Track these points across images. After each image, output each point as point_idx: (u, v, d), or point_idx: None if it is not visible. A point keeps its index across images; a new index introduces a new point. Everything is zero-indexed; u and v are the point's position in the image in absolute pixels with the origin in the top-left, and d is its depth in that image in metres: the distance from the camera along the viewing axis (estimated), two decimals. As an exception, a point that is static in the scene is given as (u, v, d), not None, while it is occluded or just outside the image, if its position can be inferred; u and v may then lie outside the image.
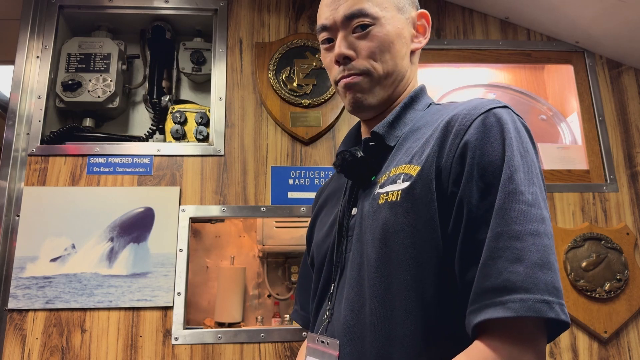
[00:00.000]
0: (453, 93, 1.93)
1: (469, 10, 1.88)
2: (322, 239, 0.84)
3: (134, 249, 1.50)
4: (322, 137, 1.69)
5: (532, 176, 0.61)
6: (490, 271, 0.56)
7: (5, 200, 1.51)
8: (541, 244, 0.57)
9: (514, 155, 0.61)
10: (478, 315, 0.56)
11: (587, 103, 1.81)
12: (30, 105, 1.61)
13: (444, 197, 0.63)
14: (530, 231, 0.57)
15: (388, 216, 0.66)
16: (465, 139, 0.63)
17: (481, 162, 0.62)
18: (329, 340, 0.71)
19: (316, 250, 0.86)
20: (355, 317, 0.68)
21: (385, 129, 0.76)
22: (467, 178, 0.62)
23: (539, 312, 0.53)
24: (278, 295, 1.90)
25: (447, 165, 0.64)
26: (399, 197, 0.66)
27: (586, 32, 1.78)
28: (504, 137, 0.62)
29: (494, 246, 0.57)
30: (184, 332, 1.44)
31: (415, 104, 0.80)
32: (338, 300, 0.73)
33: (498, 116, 0.64)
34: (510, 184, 0.59)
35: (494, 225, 0.58)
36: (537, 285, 0.54)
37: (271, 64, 1.71)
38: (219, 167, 1.61)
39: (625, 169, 1.75)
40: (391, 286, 0.64)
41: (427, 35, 0.82)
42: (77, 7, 1.74)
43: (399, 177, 0.68)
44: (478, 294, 0.57)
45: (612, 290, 1.58)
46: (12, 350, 1.39)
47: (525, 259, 0.55)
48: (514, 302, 0.54)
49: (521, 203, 0.58)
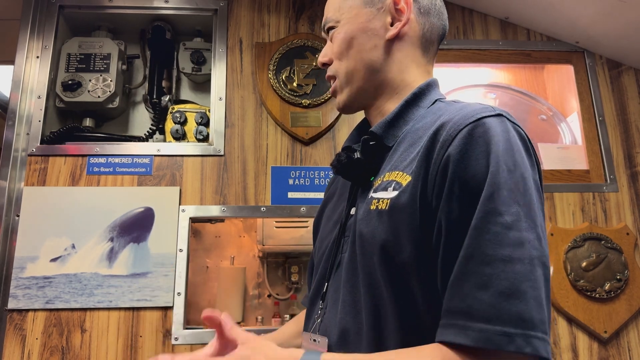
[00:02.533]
0: (453, 93, 1.93)
1: (469, 10, 1.88)
2: (326, 235, 0.84)
3: (134, 249, 1.50)
4: (322, 137, 1.69)
5: (516, 194, 0.57)
6: (456, 292, 0.55)
7: (5, 200, 1.51)
8: (512, 271, 0.53)
9: (498, 170, 0.57)
10: (445, 334, 0.56)
11: (587, 103, 1.81)
12: (30, 105, 1.61)
13: (428, 210, 0.61)
14: (502, 257, 0.54)
15: (376, 225, 0.66)
16: (449, 151, 0.60)
17: (463, 176, 0.58)
18: (320, 338, 0.71)
19: (319, 244, 0.86)
20: (351, 320, 0.68)
21: (383, 129, 0.75)
22: (448, 194, 0.59)
23: (497, 345, 0.51)
24: (278, 295, 1.90)
25: (432, 177, 0.62)
26: (388, 205, 0.65)
27: (586, 32, 1.78)
28: (489, 151, 0.58)
29: (463, 268, 0.55)
30: (184, 332, 1.44)
31: (419, 100, 0.77)
32: (331, 300, 0.73)
33: (487, 126, 0.60)
34: (489, 203, 0.56)
35: (466, 246, 0.56)
36: (499, 317, 0.52)
37: (271, 64, 1.71)
38: (219, 167, 1.61)
39: (625, 169, 1.75)
40: (382, 295, 0.64)
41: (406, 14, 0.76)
42: (77, 7, 1.74)
43: (390, 185, 0.67)
44: (446, 311, 0.57)
45: (612, 290, 1.58)
46: (12, 350, 1.39)
47: (492, 287, 0.53)
48: (474, 330, 0.52)
49: (497, 225, 0.55)
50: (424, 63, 0.81)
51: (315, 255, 0.87)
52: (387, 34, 0.77)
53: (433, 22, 0.80)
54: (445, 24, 0.82)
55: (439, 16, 0.81)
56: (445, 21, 0.83)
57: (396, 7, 0.77)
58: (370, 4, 0.78)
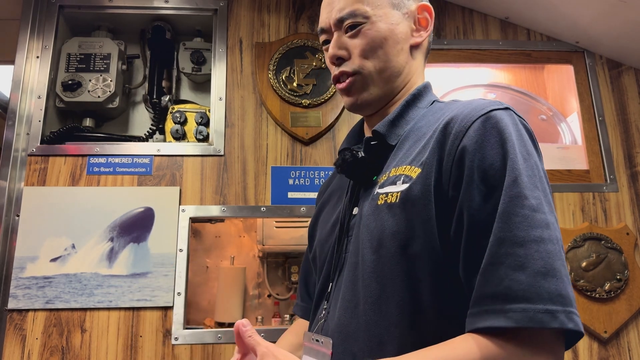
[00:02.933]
0: (453, 93, 1.93)
1: (469, 10, 1.88)
2: (325, 238, 0.84)
3: (134, 249, 1.50)
4: (322, 137, 1.69)
5: (535, 180, 0.59)
6: (491, 277, 0.55)
7: (5, 200, 1.51)
8: (545, 250, 0.55)
9: (517, 157, 0.59)
10: (479, 321, 0.55)
11: (587, 103, 1.81)
12: (30, 105, 1.61)
13: (443, 200, 0.62)
14: (534, 237, 0.55)
15: (386, 217, 0.66)
16: (464, 142, 0.62)
17: (481, 165, 0.60)
18: (323, 339, 0.71)
19: (319, 249, 0.86)
20: (349, 316, 0.68)
21: (386, 128, 0.76)
22: (468, 182, 0.60)
23: (541, 323, 0.52)
24: (278, 295, 1.90)
25: (447, 168, 0.63)
26: (398, 198, 0.66)
27: (586, 32, 1.78)
28: (504, 140, 0.61)
29: (496, 252, 0.56)
30: (184, 332, 1.44)
31: (418, 101, 0.79)
32: (334, 299, 0.73)
33: (498, 118, 0.63)
34: (514, 187, 0.58)
35: (497, 230, 0.57)
36: (539, 295, 0.53)
37: (271, 64, 1.71)
38: (219, 167, 1.61)
39: (625, 169, 1.75)
40: (386, 287, 0.64)
41: (429, 28, 0.81)
42: (77, 7, 1.74)
43: (399, 179, 0.68)
44: (478, 299, 0.56)
45: (612, 290, 1.58)
46: (12, 350, 1.39)
47: (528, 267, 0.54)
48: (516, 311, 0.53)
49: (525, 208, 0.57)
50: (424, 69, 0.85)
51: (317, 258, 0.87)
52: (411, 39, 0.79)
53: (431, 37, 0.84)
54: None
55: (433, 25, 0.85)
56: None
57: (419, 16, 0.80)
58: (397, 7, 0.78)
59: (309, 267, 0.96)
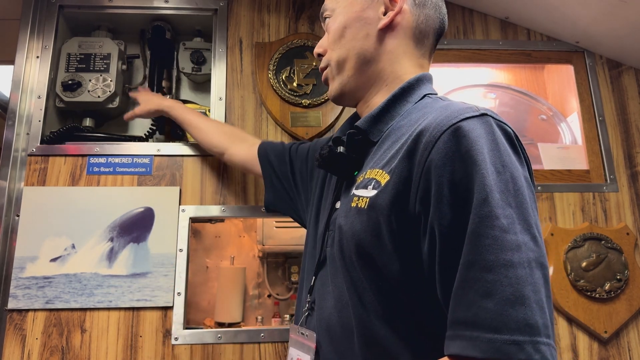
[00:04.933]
0: (453, 93, 1.93)
1: (469, 10, 1.88)
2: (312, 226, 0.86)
3: (134, 249, 1.50)
4: (322, 137, 1.68)
5: (508, 196, 0.56)
6: (460, 301, 0.54)
7: (5, 200, 1.51)
8: (514, 276, 0.52)
9: (487, 173, 0.56)
10: (452, 346, 0.54)
11: (587, 103, 1.81)
12: (30, 105, 1.61)
13: (409, 212, 0.60)
14: (503, 262, 0.52)
15: (355, 222, 0.66)
16: (432, 155, 0.58)
17: (451, 180, 0.57)
18: (308, 332, 0.72)
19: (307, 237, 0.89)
20: (337, 316, 0.69)
21: (368, 124, 0.75)
22: (437, 199, 0.57)
23: (506, 355, 0.50)
24: (278, 295, 1.90)
25: (415, 180, 0.60)
26: (366, 204, 0.65)
27: (586, 32, 1.78)
28: (474, 153, 0.56)
29: (465, 275, 0.54)
30: (184, 332, 1.44)
31: (407, 95, 0.75)
32: (319, 294, 0.74)
33: (469, 128, 0.58)
34: (484, 206, 0.54)
35: (466, 252, 0.54)
36: (506, 325, 0.51)
37: (271, 64, 1.71)
38: (219, 167, 1.61)
39: (625, 169, 1.75)
40: (365, 291, 0.65)
41: (397, 5, 0.76)
42: (77, 7, 1.74)
43: (370, 183, 0.67)
44: (452, 322, 0.55)
45: (612, 290, 1.58)
46: (12, 350, 1.39)
47: (496, 294, 0.52)
48: (482, 341, 0.51)
49: (495, 229, 0.54)
50: (417, 56, 0.79)
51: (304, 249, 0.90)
52: (379, 23, 0.76)
53: (429, 14, 0.78)
54: (443, 18, 0.81)
55: (435, 9, 0.79)
56: (444, 15, 0.81)
57: None
58: None
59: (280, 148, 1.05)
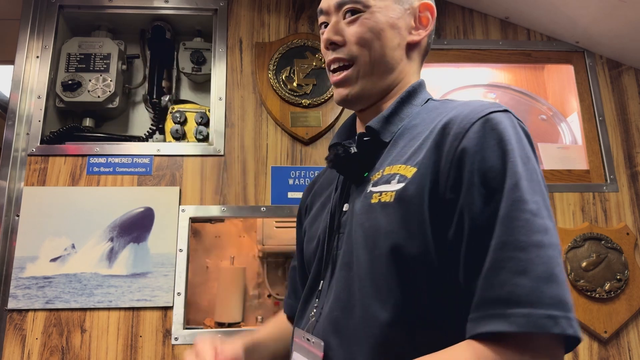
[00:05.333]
0: (453, 93, 1.93)
1: (469, 10, 1.88)
2: (314, 234, 0.83)
3: (134, 249, 1.50)
4: (322, 137, 1.69)
5: (534, 184, 0.59)
6: (493, 281, 0.55)
7: (5, 200, 1.51)
8: (546, 255, 0.55)
9: (517, 161, 0.59)
10: (481, 325, 0.55)
11: (587, 103, 1.81)
12: (30, 105, 1.61)
13: (440, 201, 0.62)
14: (535, 242, 0.55)
15: (380, 217, 0.65)
16: (464, 144, 0.61)
17: (482, 168, 0.59)
18: (314, 339, 0.70)
19: (307, 245, 0.85)
20: (345, 317, 0.67)
21: (380, 124, 0.75)
22: (468, 185, 0.59)
23: (543, 328, 0.52)
24: (278, 295, 1.90)
25: (444, 170, 0.62)
26: (392, 198, 0.65)
27: (586, 32, 1.78)
28: (504, 143, 0.60)
29: (498, 256, 0.55)
30: (184, 332, 1.44)
31: (412, 98, 0.78)
32: (327, 298, 0.72)
33: (498, 120, 0.62)
34: (515, 191, 0.57)
35: (498, 234, 0.56)
36: (541, 300, 0.52)
37: (271, 64, 1.71)
38: (219, 167, 1.61)
39: (625, 169, 1.75)
40: (381, 289, 0.64)
41: (429, 27, 0.79)
42: (77, 7, 1.74)
43: (393, 178, 0.67)
44: (480, 303, 0.56)
45: (612, 290, 1.58)
46: (12, 350, 1.39)
47: (531, 272, 0.54)
48: (519, 316, 0.52)
49: (526, 212, 0.56)
50: (420, 69, 0.83)
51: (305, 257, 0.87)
52: (409, 36, 0.78)
53: (431, 37, 0.83)
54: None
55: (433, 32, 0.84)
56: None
57: (420, 14, 0.78)
58: (399, 2, 0.77)
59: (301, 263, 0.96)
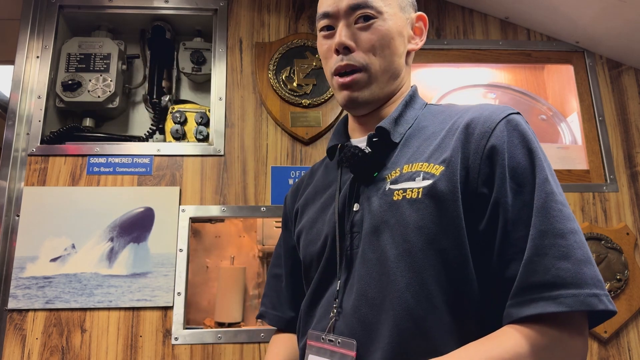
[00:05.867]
0: (453, 93, 1.93)
1: (469, 10, 1.88)
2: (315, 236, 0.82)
3: (134, 249, 1.50)
4: (322, 137, 1.69)
5: (555, 179, 0.66)
6: (537, 267, 0.59)
7: (5, 200, 1.51)
8: (580, 240, 0.61)
9: (541, 158, 0.66)
10: (528, 309, 0.58)
11: (587, 103, 1.81)
12: (30, 105, 1.61)
13: (471, 196, 0.66)
14: (571, 229, 0.61)
15: (409, 212, 0.67)
16: (492, 141, 0.66)
17: (510, 163, 0.65)
18: (341, 339, 0.69)
19: (306, 249, 0.84)
20: (376, 313, 0.67)
21: (391, 125, 0.77)
22: (501, 179, 0.65)
23: (591, 306, 0.57)
24: (278, 295, 1.90)
25: (474, 166, 0.66)
26: (420, 194, 0.67)
27: (586, 32, 1.78)
28: (528, 141, 0.67)
29: (540, 243, 0.60)
30: (184, 332, 1.44)
31: (414, 102, 0.82)
32: (347, 297, 0.72)
33: (517, 121, 0.69)
34: (546, 184, 0.63)
35: (536, 223, 0.61)
36: (585, 281, 0.58)
37: (271, 64, 1.71)
38: (219, 167, 1.61)
39: (625, 169, 1.75)
40: (413, 282, 0.65)
41: (423, 37, 0.84)
42: (77, 7, 1.74)
43: (417, 175, 0.70)
44: (523, 289, 0.60)
45: (612, 290, 1.58)
46: (12, 350, 1.39)
47: (572, 256, 0.59)
48: (567, 297, 0.57)
49: (558, 203, 0.62)
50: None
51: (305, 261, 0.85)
52: (409, 45, 0.82)
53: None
54: None
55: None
56: None
57: (416, 24, 0.83)
58: (403, 11, 0.80)
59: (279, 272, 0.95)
